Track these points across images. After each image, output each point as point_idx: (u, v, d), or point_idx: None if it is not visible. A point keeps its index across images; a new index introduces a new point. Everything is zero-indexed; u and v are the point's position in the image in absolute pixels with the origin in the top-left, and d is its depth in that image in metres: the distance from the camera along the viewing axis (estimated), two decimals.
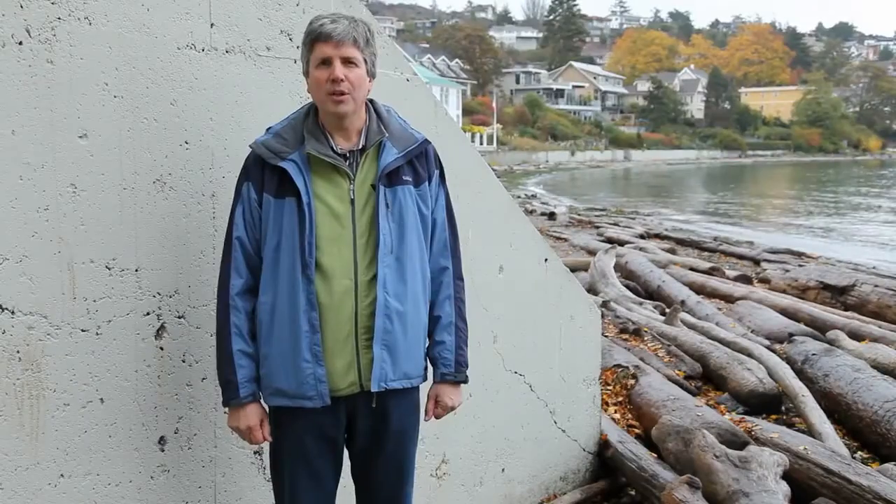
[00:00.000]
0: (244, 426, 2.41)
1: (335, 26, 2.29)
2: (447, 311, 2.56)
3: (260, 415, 2.43)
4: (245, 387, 2.38)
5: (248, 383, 2.38)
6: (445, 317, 2.56)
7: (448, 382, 2.58)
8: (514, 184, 43.06)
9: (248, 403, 2.40)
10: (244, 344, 2.38)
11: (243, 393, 2.38)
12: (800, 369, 6.12)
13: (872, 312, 8.76)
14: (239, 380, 2.37)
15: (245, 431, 2.42)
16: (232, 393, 2.38)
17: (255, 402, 2.42)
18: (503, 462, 3.85)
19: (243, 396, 2.38)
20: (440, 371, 2.56)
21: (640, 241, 16.40)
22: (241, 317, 2.38)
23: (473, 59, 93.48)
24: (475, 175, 3.65)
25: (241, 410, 2.40)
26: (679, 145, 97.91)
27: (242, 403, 2.39)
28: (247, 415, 2.41)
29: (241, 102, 2.76)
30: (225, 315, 2.38)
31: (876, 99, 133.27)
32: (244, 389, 2.38)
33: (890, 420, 4.85)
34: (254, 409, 2.42)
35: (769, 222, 26.29)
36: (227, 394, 2.40)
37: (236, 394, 2.37)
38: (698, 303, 9.10)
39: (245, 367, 2.38)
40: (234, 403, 2.39)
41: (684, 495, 3.55)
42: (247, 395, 2.38)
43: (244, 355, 2.38)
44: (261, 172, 2.36)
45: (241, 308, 2.38)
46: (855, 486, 3.81)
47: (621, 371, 5.67)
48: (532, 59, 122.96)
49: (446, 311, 2.56)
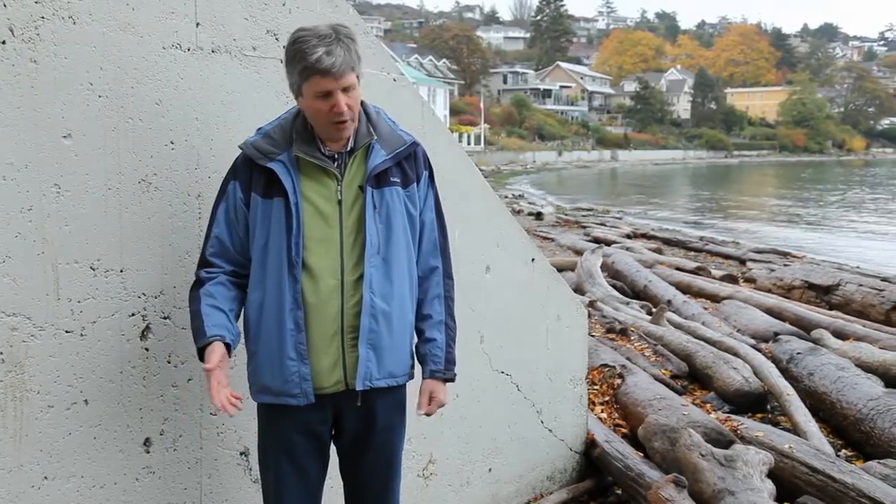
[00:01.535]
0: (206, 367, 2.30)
1: (333, 60, 2.21)
2: (437, 310, 2.58)
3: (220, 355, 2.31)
4: (211, 329, 2.33)
5: (213, 327, 2.34)
6: (436, 315, 2.57)
7: (438, 379, 2.58)
8: (501, 184, 43.10)
9: (210, 342, 2.32)
10: (212, 300, 2.37)
11: (209, 332, 2.32)
12: (785, 368, 6.15)
13: (856, 311, 8.82)
14: (205, 325, 2.33)
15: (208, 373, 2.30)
16: (200, 336, 2.34)
17: (218, 342, 2.33)
18: (490, 462, 3.85)
19: (208, 336, 2.32)
20: (430, 368, 2.57)
21: (626, 240, 16.46)
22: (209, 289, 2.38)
23: (461, 60, 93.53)
24: (462, 175, 3.65)
25: (204, 352, 2.32)
26: (666, 145, 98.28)
27: (207, 342, 2.32)
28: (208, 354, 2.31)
29: (227, 102, 2.75)
30: (195, 290, 2.41)
31: (860, 99, 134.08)
32: (210, 330, 2.33)
33: (873, 418, 4.88)
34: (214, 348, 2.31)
35: (756, 221, 26.42)
36: (196, 339, 2.36)
37: (202, 335, 2.33)
38: (684, 302, 9.13)
39: (212, 316, 2.35)
40: (200, 343, 2.34)
41: (670, 494, 3.57)
42: (212, 336, 2.32)
43: (211, 307, 2.36)
44: (249, 172, 2.38)
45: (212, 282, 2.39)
46: (839, 483, 3.83)
47: (608, 370, 5.68)
48: (519, 59, 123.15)
49: (436, 309, 2.58)
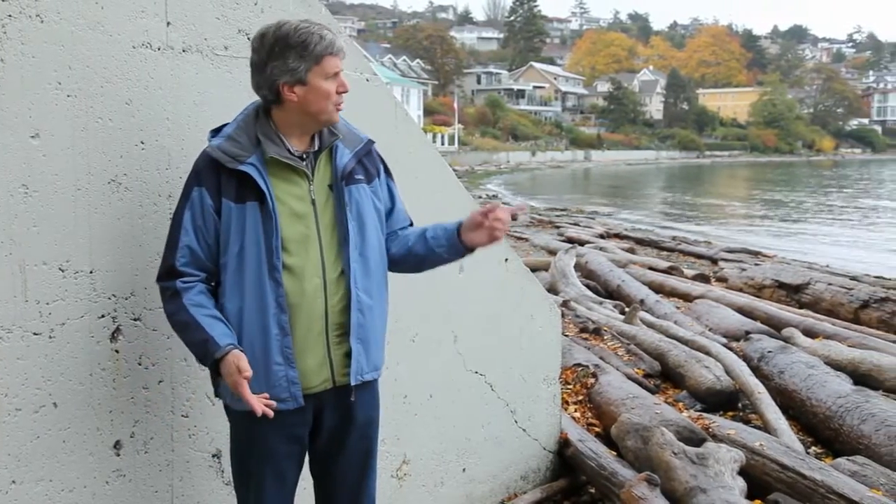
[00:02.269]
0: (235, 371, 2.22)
1: (338, 39, 2.33)
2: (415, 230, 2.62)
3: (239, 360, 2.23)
4: (222, 338, 2.25)
5: (223, 336, 2.26)
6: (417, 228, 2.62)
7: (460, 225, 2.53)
8: (475, 184, 43.15)
9: (229, 351, 2.24)
10: (205, 310, 2.29)
11: (223, 342, 2.24)
12: (756, 366, 6.21)
13: (826, 310, 8.92)
14: (214, 334, 2.25)
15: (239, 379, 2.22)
16: (213, 348, 2.24)
17: (235, 349, 2.25)
18: (464, 462, 3.85)
19: (225, 346, 2.24)
20: (454, 225, 2.52)
21: (600, 240, 16.52)
22: (193, 297, 2.30)
23: (435, 60, 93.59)
24: (435, 175, 3.66)
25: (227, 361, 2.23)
26: (638, 146, 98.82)
27: (226, 353, 2.24)
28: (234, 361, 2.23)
29: (198, 102, 2.73)
30: (178, 300, 2.29)
31: (829, 100, 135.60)
32: (223, 340, 2.25)
33: (842, 415, 4.94)
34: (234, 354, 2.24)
35: (727, 222, 26.66)
36: (209, 353, 2.24)
37: (217, 346, 2.23)
38: (657, 302, 9.19)
39: (215, 325, 2.27)
40: (219, 355, 2.23)
41: (643, 492, 3.59)
42: (228, 344, 2.25)
43: (209, 317, 2.28)
44: (216, 177, 2.32)
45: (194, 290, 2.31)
46: (809, 480, 3.88)
47: (581, 370, 5.71)
48: (493, 59, 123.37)
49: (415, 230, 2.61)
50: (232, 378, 2.23)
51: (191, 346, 2.34)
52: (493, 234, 2.47)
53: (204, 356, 2.29)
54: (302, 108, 2.33)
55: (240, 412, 2.39)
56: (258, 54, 2.33)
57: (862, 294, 8.69)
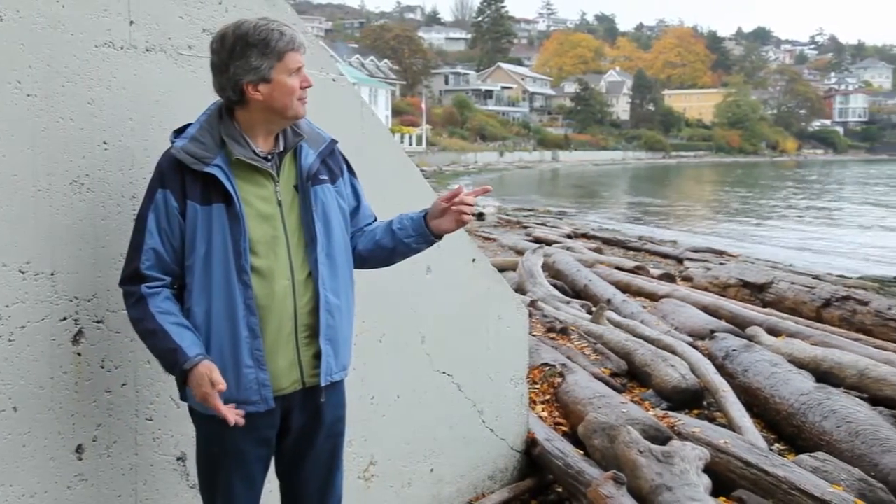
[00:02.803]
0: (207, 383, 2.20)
1: (298, 35, 2.33)
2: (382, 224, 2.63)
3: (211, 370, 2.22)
4: (192, 348, 2.23)
5: (192, 346, 2.24)
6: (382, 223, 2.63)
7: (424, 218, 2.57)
8: (443, 185, 43.07)
9: (200, 361, 2.22)
10: (173, 318, 2.26)
11: (191, 353, 2.22)
12: (721, 365, 6.28)
13: (789, 309, 9.04)
14: (183, 344, 2.22)
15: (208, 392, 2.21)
16: (181, 358, 2.21)
17: (205, 360, 2.23)
18: (431, 462, 3.85)
19: (194, 356, 2.22)
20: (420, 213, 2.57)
21: (567, 240, 16.62)
22: (160, 304, 2.26)
23: (402, 60, 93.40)
24: (402, 175, 3.65)
25: (197, 371, 2.21)
26: (606, 146, 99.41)
27: (196, 363, 2.22)
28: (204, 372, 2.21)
29: (162, 102, 2.70)
30: (143, 307, 2.26)
31: (792, 102, 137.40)
32: (192, 350, 2.23)
33: (805, 412, 5.01)
34: (206, 365, 2.22)
35: (693, 221, 26.92)
36: (177, 363, 2.22)
37: (185, 356, 2.21)
38: (624, 301, 9.25)
39: (184, 335, 2.24)
40: (187, 366, 2.21)
41: (609, 491, 3.61)
42: (197, 354, 2.23)
43: (177, 325, 2.26)
44: (180, 179, 2.29)
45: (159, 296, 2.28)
46: (772, 477, 3.93)
47: (549, 369, 5.73)
48: (461, 59, 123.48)
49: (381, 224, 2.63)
50: (202, 389, 2.21)
51: (158, 354, 2.30)
52: (459, 217, 2.51)
53: (172, 366, 2.26)
54: (267, 105, 2.32)
55: (207, 416, 2.37)
56: (219, 55, 2.31)
57: (824, 293, 8.82)
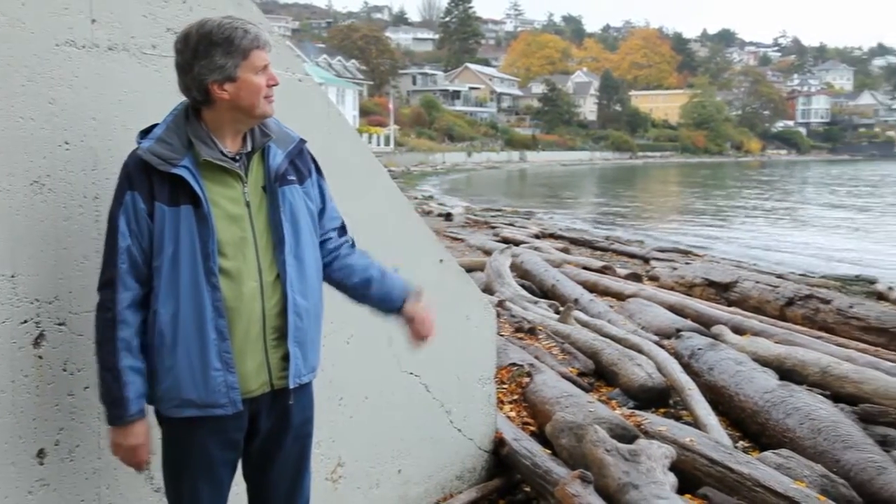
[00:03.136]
0: (130, 444, 2.35)
1: (263, 32, 2.32)
2: (375, 265, 2.66)
3: (146, 431, 2.37)
4: (135, 403, 2.30)
5: (137, 400, 2.31)
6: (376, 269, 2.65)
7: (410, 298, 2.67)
8: (411, 185, 43.14)
9: (135, 421, 2.33)
10: (133, 359, 2.29)
11: (133, 410, 2.30)
12: (686, 363, 6.33)
13: (754, 307, 9.14)
14: (129, 397, 2.28)
15: (130, 450, 2.36)
16: (121, 410, 2.29)
17: (142, 420, 2.35)
18: (399, 463, 3.85)
19: (133, 414, 2.30)
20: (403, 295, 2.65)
21: (535, 240, 16.66)
22: (129, 331, 2.29)
23: (370, 60, 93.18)
24: (369, 176, 3.65)
25: (128, 429, 2.33)
26: (573, 147, 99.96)
27: (131, 421, 2.31)
28: (134, 433, 2.34)
29: (125, 102, 2.67)
30: (112, 329, 2.28)
31: (756, 103, 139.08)
32: (134, 406, 2.30)
33: (769, 410, 5.07)
34: (142, 426, 2.35)
35: (659, 221, 27.16)
36: (114, 412, 2.31)
37: (125, 411, 2.29)
38: (591, 301, 9.29)
39: (135, 384, 2.30)
40: (122, 422, 2.31)
41: (577, 490, 3.63)
42: (136, 413, 2.31)
43: (133, 371, 2.29)
44: (148, 180, 2.27)
45: (131, 322, 2.29)
46: (737, 474, 3.97)
47: (516, 369, 5.74)
48: (428, 60, 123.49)
49: (374, 266, 2.66)
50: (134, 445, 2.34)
51: (103, 388, 2.33)
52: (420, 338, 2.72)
53: (111, 407, 2.32)
54: (234, 105, 2.30)
55: (175, 419, 2.36)
56: (183, 55, 2.29)
57: (787, 292, 8.93)
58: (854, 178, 60.57)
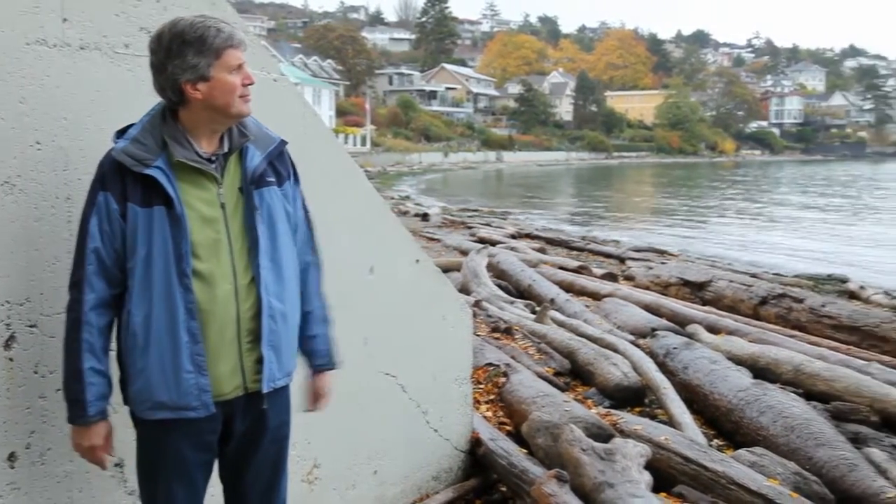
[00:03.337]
0: (87, 444, 2.35)
1: (237, 31, 2.31)
2: (317, 304, 2.65)
3: (105, 433, 2.37)
4: (94, 405, 2.30)
5: (97, 402, 2.31)
6: (317, 310, 2.64)
7: (325, 371, 2.69)
8: (387, 185, 43.07)
9: (95, 423, 2.33)
10: (95, 361, 2.29)
11: (92, 412, 2.30)
12: (662, 363, 6.37)
13: (728, 307, 9.22)
14: (88, 399, 2.29)
15: (87, 450, 2.36)
16: (80, 411, 2.30)
17: (102, 421, 2.35)
18: (376, 464, 3.84)
19: (91, 415, 2.30)
20: (317, 362, 2.67)
21: (511, 240, 16.70)
22: (93, 333, 2.28)
23: (346, 60, 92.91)
24: (345, 176, 3.64)
25: (88, 429, 2.33)
26: (549, 147, 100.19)
27: (89, 423, 2.32)
28: (91, 434, 2.34)
29: (97, 101, 2.65)
30: (76, 331, 2.27)
31: (730, 103, 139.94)
32: (93, 408, 2.30)
33: (742, 408, 5.12)
34: (101, 427, 2.35)
35: (635, 221, 27.31)
36: (74, 412, 2.32)
37: (84, 412, 2.29)
38: (567, 301, 9.33)
39: (95, 385, 2.30)
40: (81, 422, 2.32)
41: (553, 489, 3.64)
42: (95, 414, 2.31)
43: (95, 373, 2.29)
44: (121, 181, 2.26)
45: (95, 324, 2.28)
46: (711, 472, 4.00)
47: (493, 369, 5.75)
48: (405, 60, 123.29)
49: (316, 304, 2.64)
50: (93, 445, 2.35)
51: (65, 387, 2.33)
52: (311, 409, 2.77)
53: (71, 407, 2.32)
54: (208, 104, 2.29)
55: (148, 421, 2.35)
56: (156, 55, 2.28)
57: (761, 291, 9.02)
58: (827, 178, 61.19)
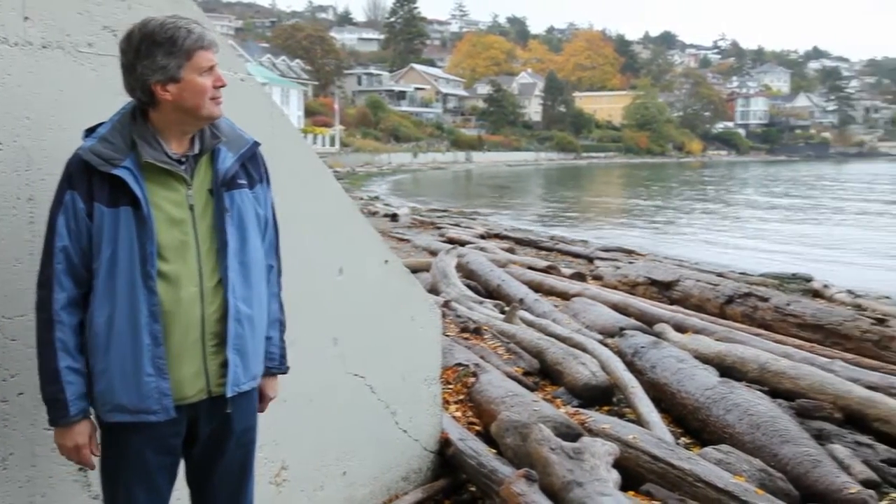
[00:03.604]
0: (72, 444, 2.31)
1: (208, 32, 2.29)
2: (274, 308, 2.63)
3: (89, 432, 2.33)
4: (75, 405, 2.27)
5: (77, 401, 2.27)
6: (272, 314, 2.62)
7: (273, 375, 2.67)
8: (356, 185, 42.94)
9: (77, 422, 2.29)
10: (71, 360, 2.26)
11: (73, 411, 2.27)
12: (630, 362, 6.41)
13: (695, 306, 9.30)
14: (68, 398, 2.26)
15: (73, 450, 2.32)
16: (61, 412, 2.26)
17: (85, 420, 2.31)
18: (344, 465, 3.83)
19: (73, 415, 2.27)
20: (268, 365, 2.62)
21: (480, 241, 16.71)
22: (66, 331, 2.25)
23: (315, 60, 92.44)
24: (313, 177, 3.62)
25: (71, 429, 2.29)
26: (518, 147, 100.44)
27: (71, 423, 2.28)
28: (75, 434, 2.30)
29: (60, 101, 2.62)
30: (49, 331, 2.25)
31: (697, 104, 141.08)
32: (74, 407, 2.27)
33: (709, 406, 5.16)
34: (83, 426, 2.31)
35: (603, 221, 27.48)
36: (54, 413, 2.28)
37: (66, 412, 2.26)
38: (536, 300, 9.36)
39: (74, 384, 2.26)
40: (63, 423, 2.28)
41: (522, 489, 3.65)
42: (77, 414, 2.28)
43: (72, 371, 2.26)
44: (88, 181, 2.23)
45: (67, 322, 2.26)
46: (678, 470, 4.04)
47: (462, 369, 5.76)
48: (374, 60, 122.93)
49: (273, 308, 2.62)
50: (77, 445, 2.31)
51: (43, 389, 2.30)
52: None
53: (51, 408, 2.29)
54: (178, 106, 2.27)
55: (111, 424, 2.32)
56: (126, 56, 2.25)
57: (727, 290, 9.10)
58: (792, 179, 61.95)
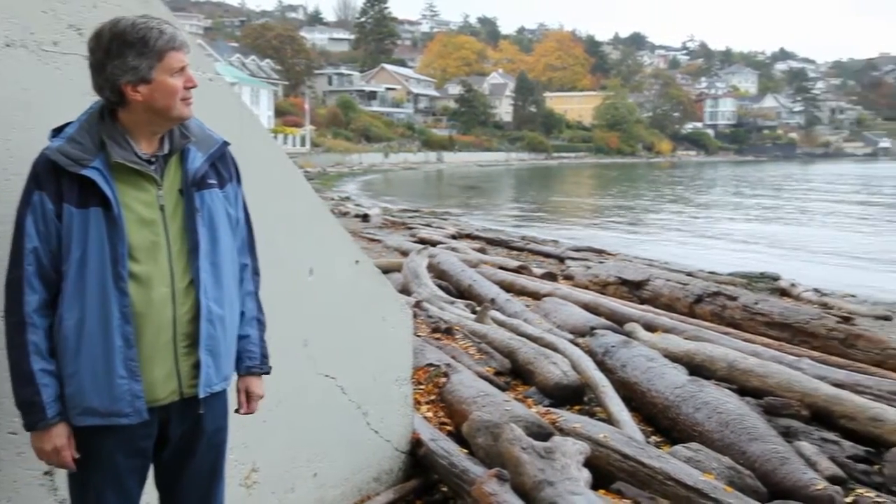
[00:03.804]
0: (51, 448, 2.27)
1: (179, 33, 2.27)
2: (250, 307, 2.61)
3: (67, 434, 2.29)
4: (52, 407, 2.24)
5: (54, 403, 2.24)
6: (248, 312, 2.60)
7: (255, 374, 2.64)
8: (327, 186, 42.82)
9: (55, 424, 2.26)
10: (45, 362, 2.23)
11: (51, 413, 2.24)
12: (600, 361, 6.44)
13: (665, 305, 9.37)
14: (45, 400, 2.22)
15: (52, 453, 2.28)
16: (38, 415, 2.23)
17: (62, 422, 2.28)
18: (315, 467, 3.81)
19: (51, 417, 2.24)
20: (246, 364, 2.61)
21: (452, 241, 16.73)
22: (39, 334, 2.22)
23: (285, 60, 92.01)
24: (283, 177, 3.60)
25: (48, 432, 2.26)
26: (489, 147, 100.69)
27: (49, 425, 2.25)
28: (53, 436, 2.27)
29: (24, 100, 2.58)
30: (21, 333, 2.21)
31: (666, 105, 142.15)
32: (51, 409, 2.24)
33: (679, 405, 5.21)
34: (61, 428, 2.28)
35: (573, 221, 27.61)
36: (31, 416, 2.25)
37: (43, 415, 2.23)
38: (507, 300, 9.38)
39: (49, 387, 2.23)
40: (41, 426, 2.25)
41: (493, 488, 3.66)
42: (54, 416, 2.25)
43: (46, 374, 2.23)
44: (56, 181, 2.20)
45: (39, 325, 2.23)
46: (648, 468, 4.07)
47: (433, 370, 5.75)
48: (344, 60, 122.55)
49: (249, 306, 2.60)
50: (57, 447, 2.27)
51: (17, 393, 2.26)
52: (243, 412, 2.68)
53: (27, 412, 2.26)
54: (148, 106, 2.24)
55: (79, 427, 2.29)
56: (95, 55, 2.22)
57: (696, 289, 9.19)
58: (760, 179, 62.63)
